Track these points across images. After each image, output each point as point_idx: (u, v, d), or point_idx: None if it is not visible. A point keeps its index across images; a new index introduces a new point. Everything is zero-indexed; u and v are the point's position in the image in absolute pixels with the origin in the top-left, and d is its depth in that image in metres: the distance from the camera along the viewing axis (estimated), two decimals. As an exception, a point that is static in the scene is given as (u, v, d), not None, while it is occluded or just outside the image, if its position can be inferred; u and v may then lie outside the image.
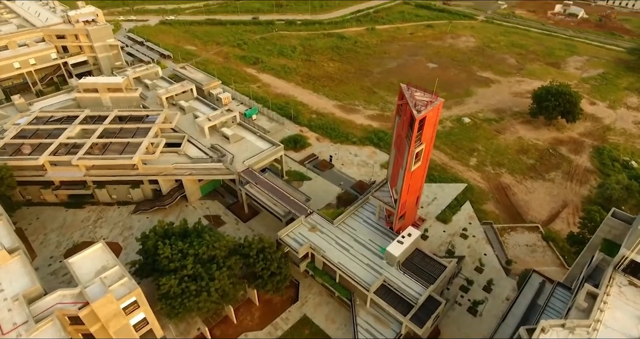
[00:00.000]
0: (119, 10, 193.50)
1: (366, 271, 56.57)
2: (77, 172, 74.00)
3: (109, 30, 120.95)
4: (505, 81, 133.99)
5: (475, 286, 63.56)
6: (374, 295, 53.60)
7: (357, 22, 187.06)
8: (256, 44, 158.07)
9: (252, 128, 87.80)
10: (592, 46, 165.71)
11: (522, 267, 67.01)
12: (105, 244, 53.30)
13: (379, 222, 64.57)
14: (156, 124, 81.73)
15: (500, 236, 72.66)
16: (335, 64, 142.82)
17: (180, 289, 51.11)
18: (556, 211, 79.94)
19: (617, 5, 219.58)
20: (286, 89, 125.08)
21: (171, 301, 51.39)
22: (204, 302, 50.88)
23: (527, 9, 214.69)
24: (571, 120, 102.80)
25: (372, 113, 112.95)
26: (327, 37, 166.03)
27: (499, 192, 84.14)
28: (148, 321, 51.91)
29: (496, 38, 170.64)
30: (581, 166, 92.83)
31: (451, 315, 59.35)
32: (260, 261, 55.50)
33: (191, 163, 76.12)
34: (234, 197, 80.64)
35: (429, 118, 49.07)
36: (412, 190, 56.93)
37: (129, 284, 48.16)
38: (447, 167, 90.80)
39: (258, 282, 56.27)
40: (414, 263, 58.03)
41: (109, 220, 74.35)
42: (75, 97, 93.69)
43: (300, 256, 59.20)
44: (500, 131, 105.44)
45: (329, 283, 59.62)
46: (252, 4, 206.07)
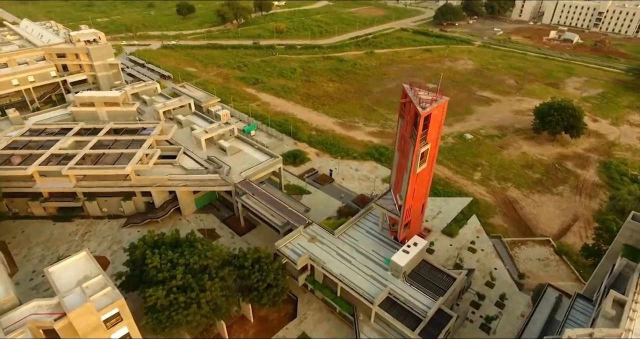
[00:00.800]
0: (121, 35, 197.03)
1: (370, 283, 52.57)
2: (67, 183, 71.09)
3: (109, 49, 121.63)
4: (506, 100, 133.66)
5: (487, 301, 59.18)
6: (378, 309, 49.39)
7: (356, 46, 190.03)
8: (256, 66, 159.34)
9: (250, 141, 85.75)
10: (590, 68, 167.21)
11: (536, 282, 62.81)
12: (89, 252, 49.67)
13: (383, 233, 61.07)
14: (152, 135, 79.72)
15: (510, 250, 68.83)
16: (334, 84, 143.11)
17: (168, 302, 47.02)
18: (567, 224, 76.44)
19: (610, 31, 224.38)
20: (285, 107, 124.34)
21: (158, 315, 47.19)
22: (194, 315, 46.64)
23: (522, 35, 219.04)
24: (575, 135, 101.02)
25: (373, 130, 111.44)
26: (327, 60, 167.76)
27: (506, 206, 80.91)
28: (131, 336, 47.35)
29: (494, 61, 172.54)
30: (589, 180, 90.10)
31: (462, 332, 54.72)
32: (255, 272, 51.62)
33: (186, 174, 73.46)
34: (230, 210, 77.31)
35: (434, 116, 46.94)
36: (417, 195, 53.92)
37: (112, 295, 44.07)
38: (451, 181, 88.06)
39: (253, 295, 52.09)
40: (420, 274, 54.13)
41: (98, 233, 70.68)
42: (71, 112, 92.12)
43: (299, 267, 55.32)
44: (503, 147, 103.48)
45: (330, 297, 55.36)
46: (252, 30, 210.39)
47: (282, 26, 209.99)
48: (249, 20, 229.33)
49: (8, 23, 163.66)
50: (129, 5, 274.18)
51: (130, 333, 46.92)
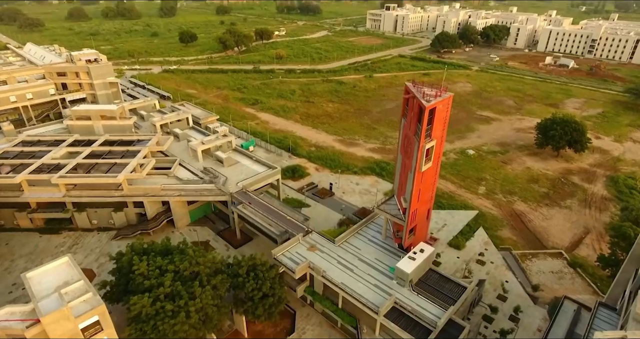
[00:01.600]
0: (124, 61, 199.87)
1: (374, 292, 48.70)
2: (56, 193, 68.23)
3: (110, 68, 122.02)
4: (506, 119, 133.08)
5: (500, 315, 54.90)
6: (384, 319, 45.32)
7: (355, 70, 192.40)
8: (256, 88, 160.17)
9: (248, 153, 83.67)
10: (588, 90, 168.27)
11: (550, 295, 58.73)
12: (72, 258, 46.22)
13: (386, 242, 57.65)
14: (147, 146, 77.60)
15: (522, 263, 65.02)
16: (334, 105, 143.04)
17: (154, 310, 43.05)
18: (578, 237, 72.94)
19: (605, 58, 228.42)
20: (285, 125, 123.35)
21: (142, 326, 43.09)
22: (181, 325, 42.53)
23: (518, 61, 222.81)
24: (579, 150, 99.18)
25: (373, 146, 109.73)
26: (326, 83, 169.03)
27: (513, 219, 77.65)
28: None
29: (492, 84, 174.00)
30: (597, 194, 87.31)
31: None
32: (250, 280, 47.89)
33: (181, 184, 70.76)
34: (226, 223, 73.99)
35: (439, 111, 45.01)
36: (422, 197, 51.06)
37: (92, 301, 40.25)
38: (455, 195, 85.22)
39: (247, 306, 48.03)
40: (428, 283, 50.35)
41: (86, 246, 67.02)
42: (67, 125, 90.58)
43: (297, 276, 51.53)
44: (506, 162, 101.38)
45: (331, 309, 51.22)
46: (253, 57, 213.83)
47: (282, 53, 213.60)
48: (249, 47, 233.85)
49: (12, 47, 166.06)
50: (132, 35, 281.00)
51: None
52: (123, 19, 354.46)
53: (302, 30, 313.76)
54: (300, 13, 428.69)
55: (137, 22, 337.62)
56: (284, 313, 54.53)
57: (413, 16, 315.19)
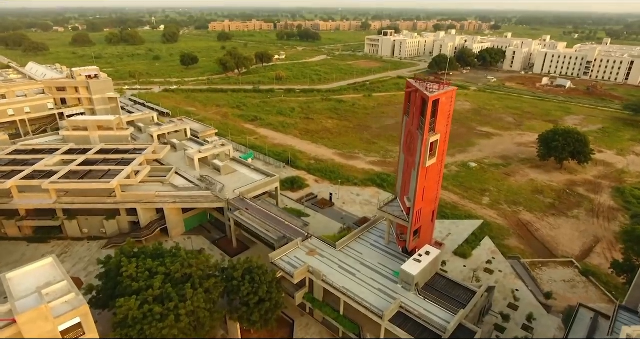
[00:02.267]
0: (125, 82, 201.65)
1: (378, 296, 45.68)
2: (47, 200, 65.91)
3: (109, 84, 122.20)
4: (507, 134, 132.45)
5: (512, 324, 51.50)
6: (389, 324, 42.15)
7: (355, 90, 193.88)
8: (255, 106, 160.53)
9: (246, 162, 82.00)
10: (586, 108, 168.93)
11: (564, 304, 55.46)
12: (57, 259, 43.58)
13: (390, 246, 54.97)
14: (143, 154, 75.97)
15: (532, 272, 61.97)
16: (333, 121, 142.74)
17: (142, 314, 39.98)
18: (589, 246, 70.15)
19: (600, 79, 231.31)
20: (284, 140, 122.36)
21: (128, 331, 39.90)
22: (170, 329, 39.34)
23: (515, 82, 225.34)
24: (583, 161, 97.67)
25: (374, 160, 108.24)
26: (326, 101, 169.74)
27: (520, 229, 75.04)
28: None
29: (490, 102, 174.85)
30: (604, 204, 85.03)
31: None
32: (246, 284, 44.99)
33: (176, 191, 68.62)
34: (222, 232, 71.25)
35: (443, 104, 43.70)
36: (427, 196, 48.93)
37: (74, 302, 37.42)
38: (459, 205, 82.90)
39: (242, 311, 44.86)
40: (435, 288, 47.41)
41: (74, 255, 64.06)
42: (63, 136, 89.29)
43: (296, 281, 48.60)
44: (509, 174, 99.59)
45: (332, 316, 47.93)
46: (253, 78, 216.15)
47: (282, 74, 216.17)
48: (249, 70, 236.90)
49: (14, 65, 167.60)
50: (135, 58, 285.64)
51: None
52: (126, 44, 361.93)
53: (301, 55, 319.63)
54: (300, 40, 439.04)
55: (140, 47, 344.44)
56: (281, 322, 51.20)
57: (410, 41, 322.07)
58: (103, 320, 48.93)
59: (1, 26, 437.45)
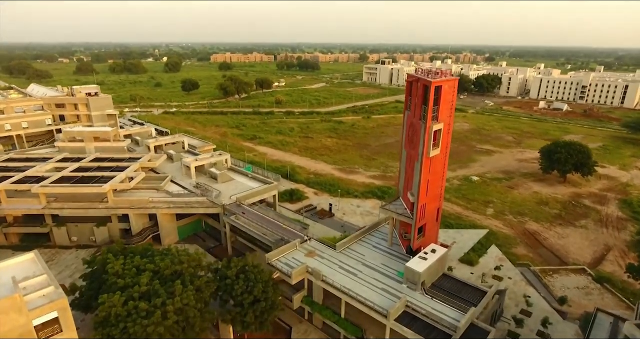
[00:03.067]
0: (126, 105, 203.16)
1: (381, 296, 42.58)
2: (36, 205, 63.48)
3: (109, 100, 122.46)
4: (507, 151, 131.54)
5: (526, 330, 47.89)
6: (395, 324, 38.90)
7: (354, 113, 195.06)
8: (255, 126, 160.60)
9: (244, 171, 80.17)
10: (585, 128, 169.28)
11: (579, 310, 52.01)
12: (38, 254, 41.00)
13: (393, 248, 52.22)
14: (138, 162, 74.29)
15: (543, 279, 58.75)
16: (332, 140, 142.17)
17: (126, 311, 36.86)
18: (600, 254, 67.17)
19: (596, 103, 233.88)
20: (283, 156, 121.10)
21: (110, 330, 36.62)
22: (156, 326, 36.02)
23: (513, 106, 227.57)
24: (586, 173, 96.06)
25: (374, 174, 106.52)
26: (325, 122, 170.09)
27: (527, 238, 72.22)
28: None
29: (489, 123, 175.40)
30: (612, 214, 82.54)
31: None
32: (240, 282, 42.00)
33: (171, 197, 66.37)
34: (217, 240, 68.38)
35: (445, 92, 42.61)
36: (431, 190, 46.84)
37: (52, 295, 34.57)
38: (463, 216, 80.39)
39: (235, 312, 41.58)
40: (443, 288, 44.34)
41: (61, 262, 60.88)
42: (58, 148, 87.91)
43: (294, 281, 45.58)
44: (513, 187, 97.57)
45: (332, 319, 44.51)
46: (252, 102, 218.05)
47: (282, 98, 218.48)
48: (249, 95, 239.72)
49: (16, 86, 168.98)
50: (137, 85, 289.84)
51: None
52: (129, 73, 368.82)
53: (301, 83, 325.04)
54: (299, 69, 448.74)
55: (142, 76, 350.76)
56: (278, 329, 47.64)
57: (408, 69, 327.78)
58: (86, 328, 45.63)
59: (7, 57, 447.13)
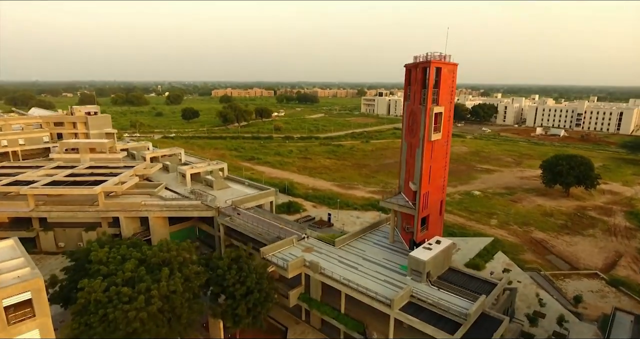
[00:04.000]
0: (126, 131, 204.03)
1: (384, 287, 39.63)
2: (24, 208, 61.14)
3: (108, 119, 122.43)
4: (507, 170, 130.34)
5: (542, 331, 44.34)
6: (399, 313, 35.83)
7: (352, 138, 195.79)
8: (253, 149, 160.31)
9: (241, 179, 78.46)
10: (584, 151, 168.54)
11: (596, 313, 48.58)
12: (18, 241, 38.81)
13: (394, 245, 49.61)
14: (133, 169, 72.74)
15: (555, 282, 55.56)
16: (331, 160, 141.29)
17: (107, 298, 33.99)
18: (612, 260, 64.11)
19: (592, 130, 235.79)
20: (281, 174, 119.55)
21: (88, 318, 33.56)
22: (138, 312, 32.96)
23: (510, 132, 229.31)
24: (590, 186, 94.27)
25: (373, 189, 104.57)
26: (324, 146, 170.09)
27: (534, 246, 69.34)
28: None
29: (488, 147, 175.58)
30: (620, 224, 79.96)
31: (518, 367, 39.09)
32: (232, 272, 39.23)
33: (164, 202, 64.18)
34: (211, 247, 65.28)
35: (445, 77, 42.02)
36: (434, 180, 45.06)
37: (27, 275, 32.01)
38: (466, 226, 77.76)
39: (227, 305, 38.45)
40: (449, 281, 41.43)
41: (46, 266, 57.76)
42: (53, 158, 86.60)
43: (290, 275, 42.68)
44: (516, 201, 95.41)
45: (331, 315, 41.17)
46: (252, 129, 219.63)
47: (281, 125, 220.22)
48: (249, 123, 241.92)
49: (16, 110, 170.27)
50: (138, 115, 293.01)
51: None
52: (131, 105, 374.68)
53: (300, 113, 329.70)
54: (298, 102, 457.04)
55: (144, 107, 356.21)
56: (273, 330, 44.08)
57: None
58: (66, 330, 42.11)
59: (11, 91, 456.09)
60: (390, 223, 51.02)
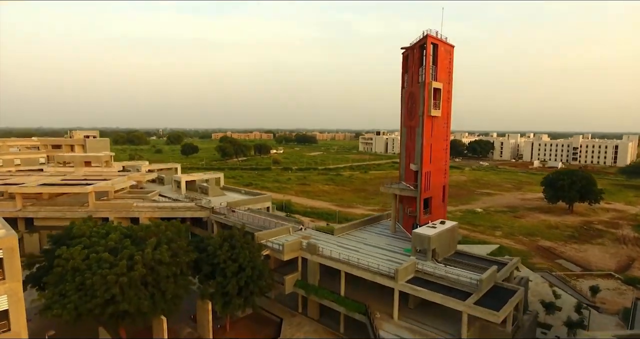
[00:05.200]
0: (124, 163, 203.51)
1: (387, 264, 36.81)
2: (10, 208, 58.80)
3: (106, 143, 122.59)
4: (508, 194, 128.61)
5: (559, 322, 40.81)
6: (404, 285, 33.02)
7: (351, 169, 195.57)
8: (251, 177, 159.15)
9: (237, 188, 76.68)
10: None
11: (614, 308, 45.19)
12: None
13: (397, 235, 47.14)
14: (127, 175, 71.25)
15: (569, 281, 52.35)
16: (330, 186, 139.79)
17: (86, 266, 31.33)
18: (626, 262, 60.99)
19: (589, 163, 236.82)
20: (280, 196, 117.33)
21: (63, 287, 30.74)
22: (118, 277, 30.14)
23: (508, 165, 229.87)
24: (593, 201, 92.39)
25: (373, 208, 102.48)
26: (323, 175, 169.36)
27: (543, 252, 66.32)
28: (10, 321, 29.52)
29: (487, 176, 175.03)
30: (628, 235, 77.23)
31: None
32: (224, 247, 36.73)
33: (156, 204, 62.06)
34: (204, 252, 61.97)
35: (441, 57, 42.22)
36: (435, 159, 43.71)
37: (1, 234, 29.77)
38: (470, 236, 74.90)
39: (217, 283, 35.46)
40: (456, 260, 38.77)
41: (26, 267, 54.10)
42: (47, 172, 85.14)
43: (286, 257, 39.97)
44: (519, 217, 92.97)
45: (331, 298, 37.89)
46: (250, 162, 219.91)
47: (279, 158, 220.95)
48: (248, 158, 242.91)
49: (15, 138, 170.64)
50: (137, 152, 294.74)
51: (10, 314, 29.57)
52: (131, 145, 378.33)
53: (298, 152, 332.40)
54: (297, 143, 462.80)
55: (144, 146, 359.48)
56: (267, 322, 40.47)
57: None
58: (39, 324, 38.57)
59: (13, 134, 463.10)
60: (391, 213, 48.75)
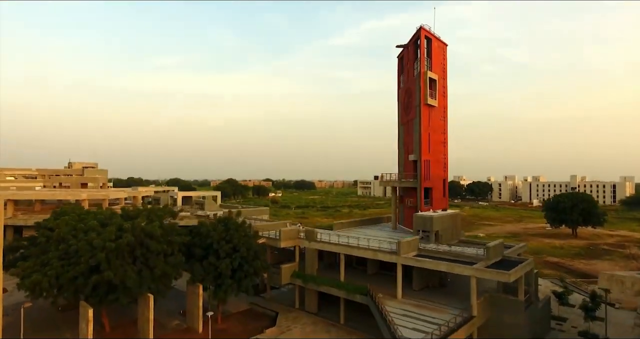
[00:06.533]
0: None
1: (390, 245, 35.23)
2: None
3: (104, 173, 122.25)
4: (510, 225, 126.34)
5: (574, 316, 38.23)
6: (407, 258, 31.39)
7: (349, 207, 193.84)
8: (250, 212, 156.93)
9: (235, 205, 75.32)
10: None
11: (632, 306, 42.64)
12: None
13: (398, 230, 45.64)
14: (123, 189, 70.32)
15: (580, 286, 49.91)
16: (329, 219, 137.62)
17: (72, 236, 29.94)
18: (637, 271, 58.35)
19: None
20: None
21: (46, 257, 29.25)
22: (104, 242, 28.57)
23: (507, 204, 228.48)
24: (597, 223, 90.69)
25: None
26: (322, 211, 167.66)
27: (550, 265, 63.84)
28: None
29: (487, 212, 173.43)
30: (637, 253, 74.79)
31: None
32: (219, 228, 35.41)
33: (151, 213, 60.65)
34: (197, 263, 59.51)
35: (435, 52, 43.82)
36: (433, 149, 43.51)
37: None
38: (473, 254, 72.45)
39: (209, 263, 33.63)
40: (462, 246, 37.17)
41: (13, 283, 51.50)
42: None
43: (283, 244, 38.50)
44: (523, 241, 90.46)
45: (330, 284, 35.72)
46: (248, 202, 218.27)
47: (278, 199, 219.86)
48: (246, 199, 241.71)
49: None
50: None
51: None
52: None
53: (297, 195, 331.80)
54: (296, 189, 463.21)
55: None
56: (261, 316, 37.85)
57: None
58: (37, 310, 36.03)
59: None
60: (392, 209, 47.63)
